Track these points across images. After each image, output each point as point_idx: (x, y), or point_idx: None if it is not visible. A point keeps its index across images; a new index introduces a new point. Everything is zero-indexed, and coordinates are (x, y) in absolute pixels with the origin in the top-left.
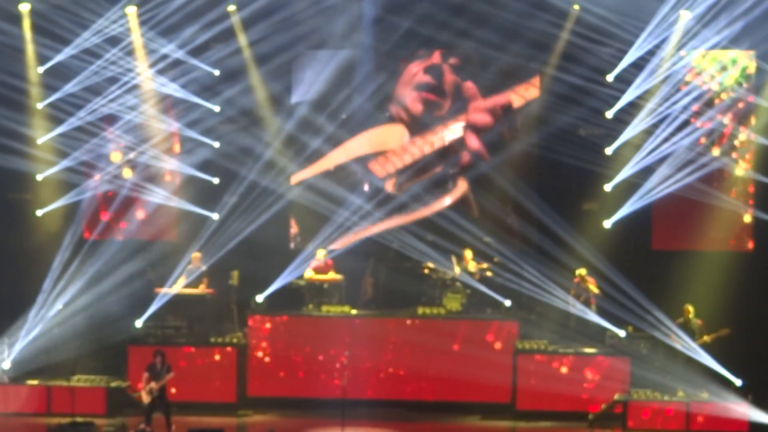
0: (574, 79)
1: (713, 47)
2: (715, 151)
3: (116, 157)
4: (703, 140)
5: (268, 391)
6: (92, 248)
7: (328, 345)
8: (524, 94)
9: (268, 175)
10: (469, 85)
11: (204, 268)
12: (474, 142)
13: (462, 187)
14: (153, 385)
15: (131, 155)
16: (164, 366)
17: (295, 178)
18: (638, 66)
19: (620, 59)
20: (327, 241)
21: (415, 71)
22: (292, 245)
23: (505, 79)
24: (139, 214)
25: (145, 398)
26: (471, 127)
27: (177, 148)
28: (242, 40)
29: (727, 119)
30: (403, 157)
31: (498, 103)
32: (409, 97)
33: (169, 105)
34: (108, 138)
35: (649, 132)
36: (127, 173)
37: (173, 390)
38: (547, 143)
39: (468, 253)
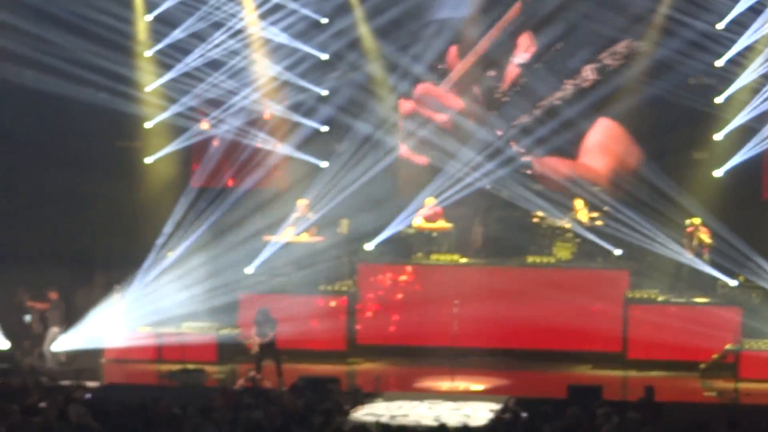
0: (684, 29)
1: None
2: None
3: (223, 103)
4: None
5: (378, 339)
6: (202, 196)
7: (436, 293)
8: (633, 45)
9: (379, 124)
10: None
11: (312, 216)
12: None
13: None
14: (258, 340)
15: (238, 101)
16: (269, 322)
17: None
18: (756, 10)
19: (732, 6)
20: (437, 190)
21: None
22: (401, 193)
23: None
24: (249, 161)
25: (254, 348)
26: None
27: (284, 94)
28: None
29: None
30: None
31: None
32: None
33: (275, 51)
34: (215, 84)
35: (766, 77)
36: (235, 120)
37: (283, 338)
38: (656, 94)
39: (578, 203)
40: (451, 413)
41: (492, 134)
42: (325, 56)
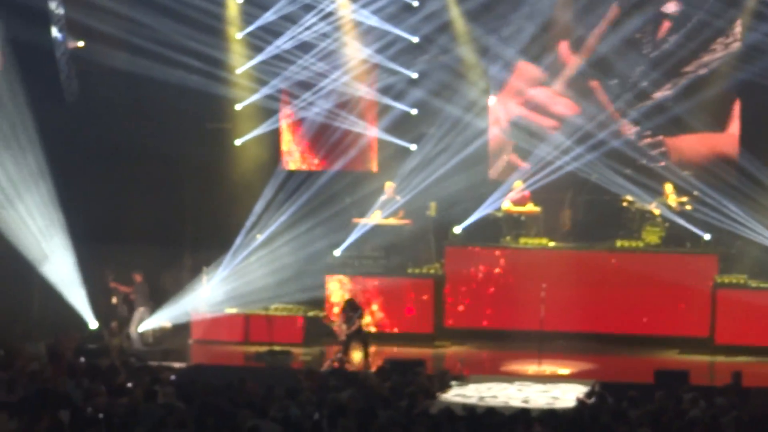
0: None
1: None
2: None
3: (313, 86)
4: None
5: (465, 323)
6: (290, 178)
7: (524, 277)
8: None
9: (468, 108)
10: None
11: (400, 199)
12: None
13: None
14: (345, 328)
15: (328, 83)
16: (356, 311)
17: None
18: None
19: None
20: (525, 173)
21: None
22: (490, 177)
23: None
24: (338, 143)
25: (341, 336)
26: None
27: (374, 77)
28: None
29: None
30: None
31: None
32: None
33: (366, 34)
34: (305, 66)
35: None
36: (325, 102)
37: (371, 320)
38: (748, 78)
39: (668, 187)
40: (540, 395)
41: (613, 134)
42: (415, 39)
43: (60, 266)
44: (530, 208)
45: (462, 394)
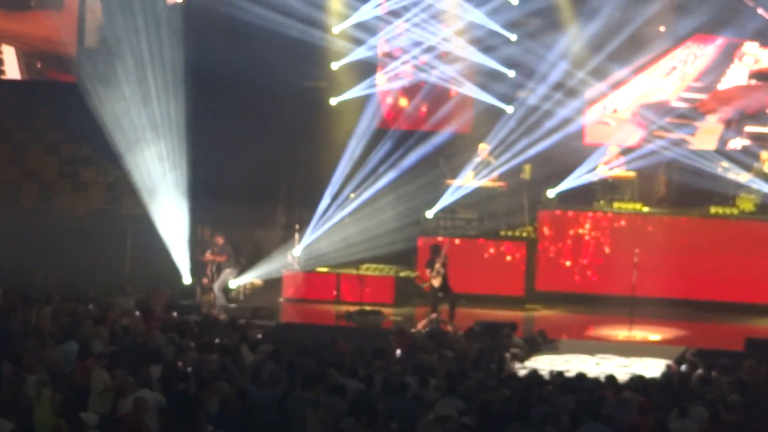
0: None
1: None
2: None
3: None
4: None
5: (556, 286)
6: (384, 137)
7: (618, 242)
8: None
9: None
10: None
11: (494, 161)
12: None
13: None
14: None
15: (427, 45)
16: (438, 253)
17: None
18: None
19: None
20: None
21: None
22: (584, 141)
23: None
24: (433, 104)
25: (431, 284)
26: None
27: (473, 38)
28: None
29: None
30: None
31: None
32: None
33: None
34: (404, 26)
35: None
36: (422, 63)
37: (462, 282)
38: None
39: (765, 153)
40: (619, 369)
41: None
42: (515, 1)
43: (168, 221)
44: (625, 173)
45: (535, 366)
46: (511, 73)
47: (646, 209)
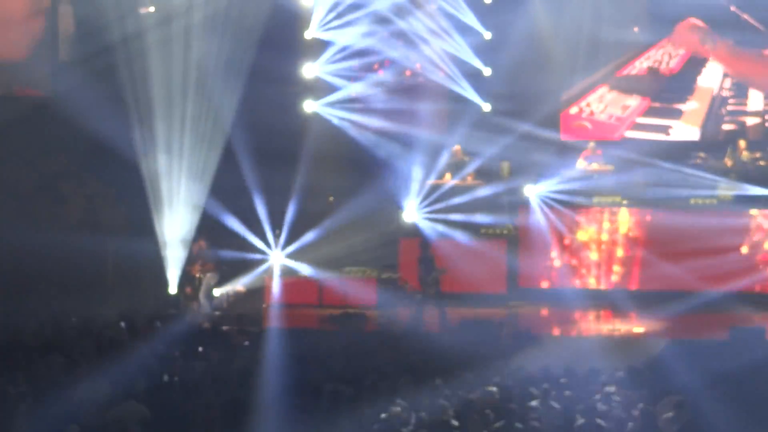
0: None
1: None
2: None
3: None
4: None
5: (539, 283)
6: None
7: (597, 236)
8: None
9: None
10: None
11: (470, 159)
12: None
13: None
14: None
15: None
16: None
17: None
18: None
19: None
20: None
21: None
22: (561, 137)
23: None
24: (409, 104)
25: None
26: None
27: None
28: None
29: None
30: None
31: None
32: None
33: None
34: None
35: None
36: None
37: (445, 281)
38: None
39: (743, 143)
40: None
41: None
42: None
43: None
44: (603, 166)
45: None
46: (487, 71)
47: (626, 201)
